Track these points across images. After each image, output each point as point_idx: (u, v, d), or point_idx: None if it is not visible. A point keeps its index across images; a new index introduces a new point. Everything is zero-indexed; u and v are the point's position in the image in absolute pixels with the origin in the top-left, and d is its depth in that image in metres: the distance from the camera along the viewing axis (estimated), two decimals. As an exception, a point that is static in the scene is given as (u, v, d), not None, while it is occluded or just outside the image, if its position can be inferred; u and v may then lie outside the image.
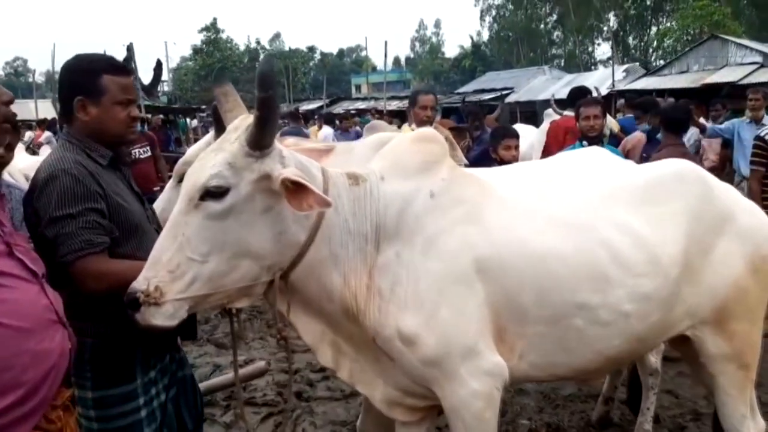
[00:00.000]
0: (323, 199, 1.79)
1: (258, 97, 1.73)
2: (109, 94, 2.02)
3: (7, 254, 1.60)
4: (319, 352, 2.14)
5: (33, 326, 1.56)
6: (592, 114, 4.34)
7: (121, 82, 2.04)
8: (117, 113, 2.04)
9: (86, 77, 2.02)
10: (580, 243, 2.13)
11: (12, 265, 1.59)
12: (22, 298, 1.57)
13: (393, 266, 2.04)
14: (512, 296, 2.08)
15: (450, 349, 2.03)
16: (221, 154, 1.82)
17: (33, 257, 1.71)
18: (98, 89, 2.01)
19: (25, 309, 1.56)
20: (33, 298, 1.61)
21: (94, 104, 2.03)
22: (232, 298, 1.92)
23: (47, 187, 1.90)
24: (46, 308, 1.63)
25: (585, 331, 2.13)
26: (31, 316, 1.56)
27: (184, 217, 1.80)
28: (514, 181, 2.38)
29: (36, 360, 1.55)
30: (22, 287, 1.59)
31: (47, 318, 1.62)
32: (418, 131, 2.29)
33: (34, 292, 1.62)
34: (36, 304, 1.61)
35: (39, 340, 1.56)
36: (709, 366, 2.36)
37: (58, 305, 1.69)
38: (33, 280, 1.63)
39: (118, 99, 2.03)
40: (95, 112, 2.03)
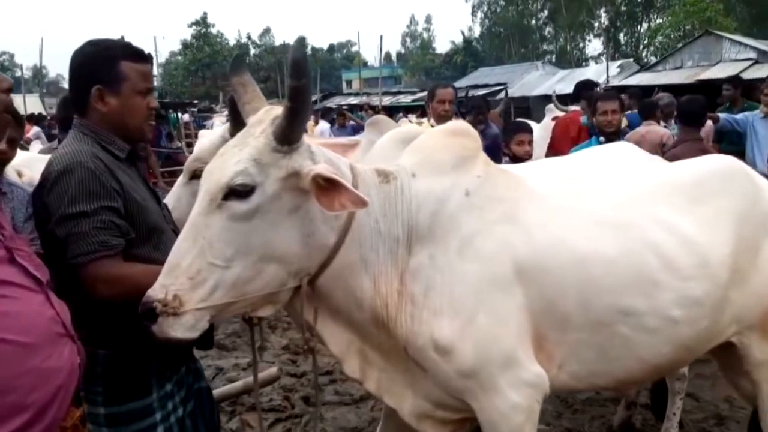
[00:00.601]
0: (359, 197, 1.64)
1: (290, 86, 1.58)
2: (129, 82, 1.86)
3: (8, 261, 1.45)
4: (345, 362, 1.99)
5: (38, 341, 1.41)
6: (610, 109, 4.19)
7: (141, 69, 1.88)
8: (137, 103, 1.88)
9: (104, 64, 1.85)
10: (624, 243, 1.99)
11: (13, 273, 1.44)
12: (25, 309, 1.42)
13: (426, 270, 1.90)
14: (553, 301, 1.95)
15: (488, 359, 1.89)
16: (246, 150, 1.67)
17: (36, 263, 1.55)
18: (117, 77, 1.85)
19: (28, 322, 1.41)
20: (37, 309, 1.46)
21: (112, 94, 1.86)
22: (256, 306, 1.77)
23: (61, 180, 1.74)
24: (52, 320, 1.48)
25: (630, 338, 2.00)
26: (35, 330, 1.41)
27: (205, 218, 1.65)
28: (548, 178, 2.23)
29: (42, 379, 1.40)
30: (25, 297, 1.44)
31: (54, 331, 1.47)
32: (450, 125, 2.15)
33: (38, 302, 1.47)
34: (41, 315, 1.45)
35: (45, 357, 1.41)
36: (753, 373, 2.24)
37: (65, 316, 1.54)
38: (37, 289, 1.49)
39: (138, 88, 1.87)
40: (114, 102, 1.87)
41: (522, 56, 46.29)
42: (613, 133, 4.18)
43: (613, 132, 4.18)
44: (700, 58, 19.68)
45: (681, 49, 20.74)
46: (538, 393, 1.97)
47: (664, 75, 19.30)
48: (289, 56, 1.58)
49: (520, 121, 5.10)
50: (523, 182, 2.08)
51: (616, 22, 45.68)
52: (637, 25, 45.61)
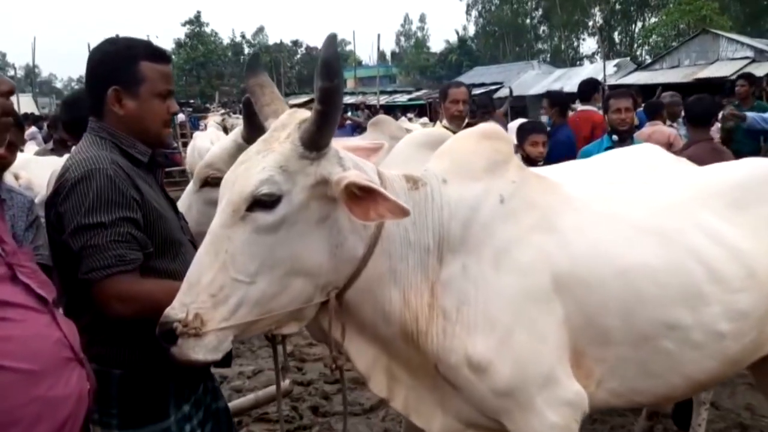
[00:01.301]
0: (399, 206, 1.52)
1: (320, 88, 1.45)
2: (148, 83, 1.73)
3: (9, 279, 1.34)
4: (371, 380, 1.87)
5: (43, 368, 1.30)
6: (624, 106, 4.06)
7: (161, 70, 1.76)
8: (156, 107, 1.76)
9: (123, 64, 1.73)
10: (669, 253, 1.88)
11: (15, 293, 1.33)
12: (29, 333, 1.30)
13: (459, 282, 1.78)
14: (593, 315, 1.83)
15: (526, 378, 1.78)
16: (271, 156, 1.55)
17: (41, 280, 1.42)
18: (136, 78, 1.73)
19: (32, 347, 1.30)
20: (42, 331, 1.34)
21: (130, 96, 1.74)
22: (281, 323, 1.65)
23: (78, 188, 1.61)
24: (59, 343, 1.37)
25: (674, 354, 1.89)
26: (40, 355, 1.30)
27: (228, 230, 1.52)
28: (585, 183, 2.12)
29: (48, 409, 1.29)
30: (29, 319, 1.32)
31: (61, 356, 1.36)
32: (481, 127, 2.03)
33: (43, 323, 1.35)
34: (46, 339, 1.34)
35: (51, 385, 1.30)
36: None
37: (74, 338, 1.42)
38: (42, 309, 1.37)
39: (158, 90, 1.75)
40: (132, 105, 1.74)
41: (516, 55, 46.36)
42: (626, 131, 4.07)
43: (626, 130, 4.07)
44: (698, 57, 19.71)
45: (678, 48, 20.79)
46: (577, 412, 1.86)
47: (662, 74, 19.31)
48: (320, 55, 1.46)
49: (534, 121, 4.98)
50: (560, 187, 1.97)
51: (610, 20, 45.77)
52: (632, 24, 45.71)
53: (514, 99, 22.52)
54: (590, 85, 6.30)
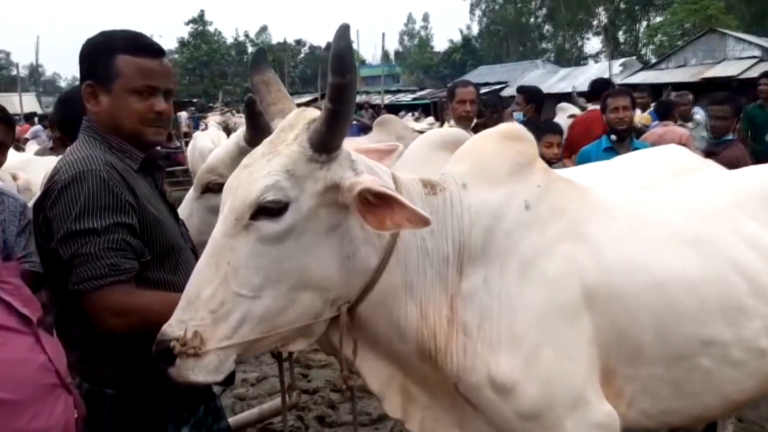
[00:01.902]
0: (419, 215, 1.38)
1: (332, 84, 1.32)
2: (121, 79, 1.59)
3: None
4: (385, 400, 1.73)
5: (24, 397, 1.21)
6: (621, 105, 3.91)
7: (140, 65, 1.60)
8: (130, 104, 1.60)
9: (98, 57, 1.60)
10: (707, 263, 1.75)
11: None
12: (10, 357, 1.21)
13: (480, 295, 1.65)
14: (625, 331, 1.70)
15: (554, 400, 1.64)
16: (277, 159, 1.41)
17: (25, 297, 1.31)
18: (109, 73, 1.59)
19: (12, 373, 1.20)
20: (24, 355, 1.25)
21: (104, 91, 1.60)
22: (288, 339, 1.52)
23: (68, 191, 1.49)
24: (43, 368, 1.27)
25: (712, 372, 1.75)
26: (21, 383, 1.21)
27: (230, 241, 1.39)
28: (613, 186, 1.98)
29: None
30: (10, 342, 1.23)
31: (44, 382, 1.26)
32: (503, 127, 1.89)
33: (25, 346, 1.26)
34: (29, 364, 1.25)
35: (32, 416, 1.21)
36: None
37: (60, 361, 1.30)
38: (25, 330, 1.28)
39: (132, 86, 1.59)
40: (105, 102, 1.61)
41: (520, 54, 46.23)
42: (624, 130, 3.90)
43: (624, 129, 3.90)
44: (704, 56, 19.52)
45: (684, 47, 20.60)
46: None
47: (668, 73, 19.12)
48: (332, 47, 1.32)
49: (549, 121, 4.84)
50: (589, 192, 1.83)
51: (614, 20, 45.56)
52: (636, 23, 45.50)
53: (518, 98, 22.48)
54: (601, 83, 6.15)
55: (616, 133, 3.91)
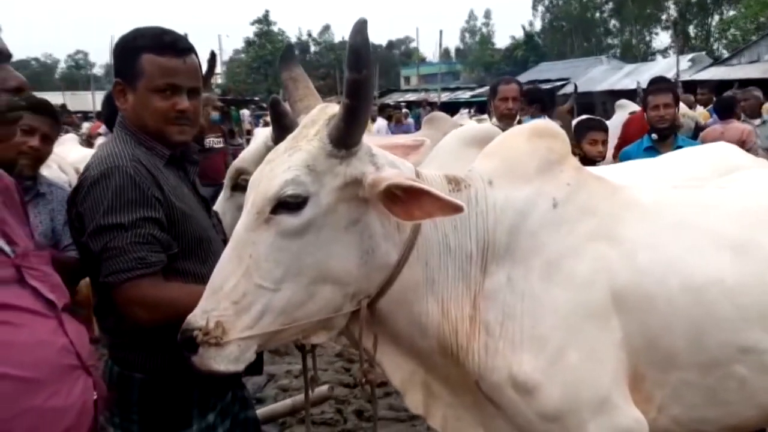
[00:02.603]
0: (451, 203, 1.40)
1: (349, 80, 1.34)
2: (144, 78, 1.64)
3: (15, 281, 1.29)
4: (407, 395, 1.74)
5: (42, 376, 1.24)
6: (662, 102, 3.74)
7: (164, 64, 1.64)
8: (153, 103, 1.65)
9: (125, 56, 1.67)
10: (746, 267, 1.68)
11: (20, 296, 1.28)
12: (31, 339, 1.25)
13: (504, 294, 1.63)
14: (657, 336, 1.65)
15: (578, 402, 1.61)
16: (297, 155, 1.44)
17: (53, 283, 1.38)
18: (134, 71, 1.64)
19: (33, 353, 1.25)
20: (45, 338, 1.29)
21: (131, 90, 1.66)
22: (309, 332, 1.55)
23: (97, 187, 1.56)
24: (63, 350, 1.31)
25: (748, 380, 1.68)
26: (41, 363, 1.25)
27: (252, 234, 1.43)
28: (651, 187, 1.92)
29: (44, 421, 1.24)
30: (32, 324, 1.27)
31: (63, 363, 1.30)
32: (534, 124, 1.87)
33: (48, 329, 1.30)
34: (49, 345, 1.29)
35: (50, 395, 1.24)
36: None
37: (82, 345, 1.36)
38: (48, 314, 1.32)
39: (154, 85, 1.64)
40: (131, 100, 1.67)
41: (585, 50, 45.08)
42: (666, 128, 3.73)
43: (666, 127, 3.73)
44: (779, 52, 18.53)
45: (758, 42, 19.60)
46: None
47: (740, 69, 18.26)
48: (349, 42, 1.34)
49: (594, 119, 4.72)
50: (622, 191, 1.78)
51: (685, 14, 43.81)
52: (708, 17, 43.59)
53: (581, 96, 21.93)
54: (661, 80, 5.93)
55: (657, 131, 3.75)
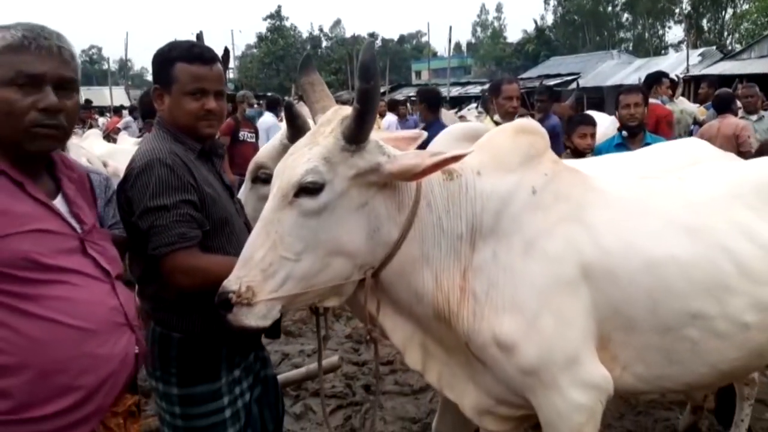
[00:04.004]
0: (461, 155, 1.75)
1: (359, 89, 1.63)
2: (178, 83, 1.94)
3: (80, 251, 1.53)
4: (407, 353, 2.03)
5: (97, 327, 1.48)
6: (633, 102, 4.04)
7: (193, 71, 1.94)
8: (185, 104, 1.95)
9: (162, 66, 1.97)
10: (698, 248, 1.95)
11: (83, 263, 1.52)
12: (89, 297, 1.49)
13: (489, 267, 1.91)
14: (619, 305, 1.93)
15: (550, 359, 1.89)
16: (316, 149, 1.74)
17: (110, 256, 1.62)
18: (169, 78, 1.95)
19: (90, 309, 1.48)
20: (101, 298, 1.53)
21: (167, 94, 1.97)
22: (323, 297, 1.84)
23: (142, 176, 1.85)
24: (114, 310, 1.55)
25: (699, 342, 1.96)
26: (95, 317, 1.48)
27: (278, 214, 1.72)
28: (618, 177, 2.20)
29: (94, 364, 1.47)
30: (91, 286, 1.51)
31: (114, 320, 1.54)
32: (518, 122, 2.15)
33: (103, 291, 1.54)
34: (103, 304, 1.53)
35: (100, 343, 1.48)
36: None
37: (129, 307, 1.61)
38: (105, 280, 1.55)
39: (186, 89, 1.94)
40: (168, 102, 1.98)
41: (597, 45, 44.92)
42: (636, 126, 4.02)
43: (636, 125, 4.02)
44: (791, 46, 18.53)
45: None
46: (602, 394, 1.96)
47: (750, 64, 18.26)
48: (360, 59, 1.64)
49: (583, 114, 5.00)
50: (592, 181, 2.06)
51: (698, 7, 43.57)
52: (722, 11, 43.31)
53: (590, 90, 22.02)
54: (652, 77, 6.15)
55: (627, 129, 4.04)
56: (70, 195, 1.60)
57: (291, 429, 3.64)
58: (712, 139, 5.20)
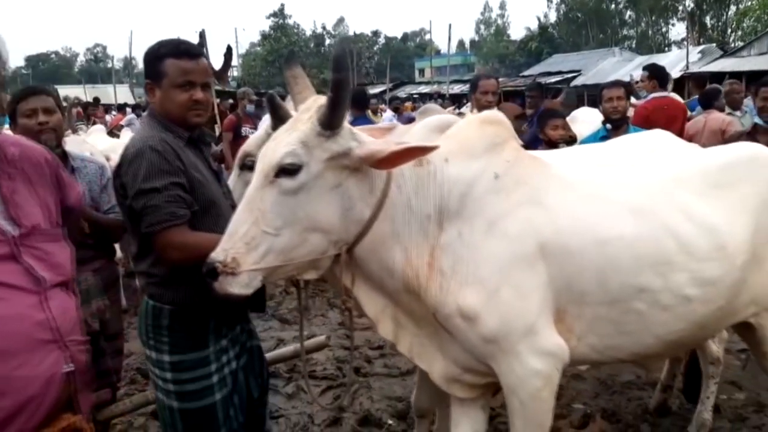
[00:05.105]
0: (428, 147, 1.93)
1: (332, 79, 1.80)
2: (168, 77, 2.11)
3: (10, 258, 1.41)
4: (380, 324, 2.20)
5: (12, 347, 1.35)
6: (615, 95, 4.25)
7: (182, 66, 2.11)
8: (175, 96, 2.12)
9: (152, 61, 2.14)
10: (643, 228, 2.13)
11: (11, 272, 1.40)
12: (7, 312, 1.36)
13: (455, 245, 2.08)
14: (573, 279, 2.10)
15: (510, 328, 2.06)
16: (294, 134, 1.91)
17: (52, 262, 1.49)
18: (160, 73, 2.12)
19: (6, 326, 1.35)
20: (22, 312, 1.39)
21: (158, 87, 2.15)
22: (301, 270, 2.01)
23: (135, 161, 2.03)
24: (39, 325, 1.41)
25: (645, 314, 2.14)
26: (13, 336, 1.36)
27: (260, 192, 1.89)
28: (579, 164, 2.39)
29: (11, 387, 1.36)
30: (13, 299, 1.38)
31: (37, 337, 1.40)
32: (484, 114, 2.33)
33: (26, 305, 1.40)
34: (26, 319, 1.39)
35: (18, 365, 1.36)
36: (771, 354, 2.33)
37: (63, 321, 1.46)
38: (34, 290, 1.42)
39: (176, 82, 2.11)
40: (159, 95, 2.15)
41: (600, 42, 44.88)
42: (619, 119, 4.22)
43: (619, 118, 4.22)
44: (791, 43, 18.60)
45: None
46: (558, 362, 2.13)
47: (749, 61, 18.38)
48: (333, 53, 1.82)
49: (552, 109, 5.23)
50: (550, 168, 2.24)
51: (702, 5, 43.50)
52: (725, 8, 43.25)
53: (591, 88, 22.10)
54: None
55: (610, 121, 4.25)
56: (5, 194, 1.48)
57: (283, 407, 3.84)
58: (698, 133, 5.35)
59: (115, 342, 2.94)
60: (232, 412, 2.23)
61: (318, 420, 3.65)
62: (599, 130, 4.33)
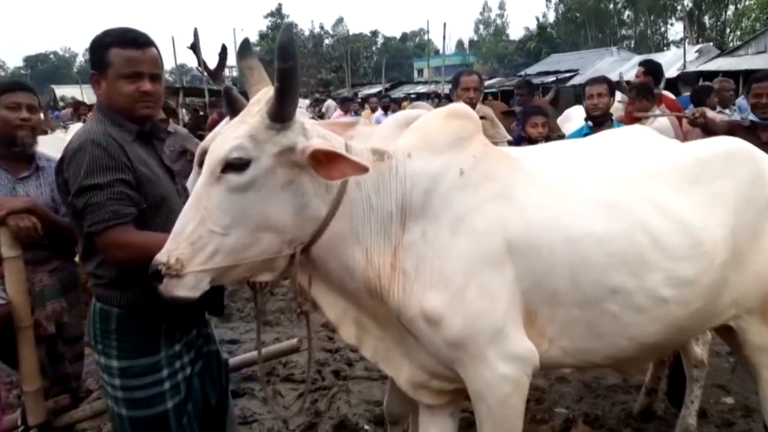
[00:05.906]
0: (359, 164, 1.75)
1: (277, 69, 1.69)
2: (113, 68, 2.01)
3: None
4: (341, 328, 2.10)
5: None
6: (596, 92, 4.18)
7: (127, 55, 2.00)
8: (122, 88, 2.02)
9: (97, 51, 2.04)
10: (616, 224, 2.02)
11: None
12: None
13: (418, 245, 1.98)
14: (543, 278, 2.00)
15: (476, 331, 1.96)
16: (242, 127, 1.81)
17: None
18: (105, 63, 2.02)
19: None
20: None
21: (104, 78, 2.04)
22: (255, 271, 1.90)
23: (76, 157, 1.92)
24: None
25: (619, 316, 2.03)
26: None
27: (207, 189, 1.79)
28: (550, 160, 2.28)
29: None
30: None
31: None
32: (449, 107, 2.22)
33: None
34: None
35: None
36: (753, 357, 2.23)
37: None
38: None
39: (121, 73, 2.01)
40: (104, 86, 2.04)
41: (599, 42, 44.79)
42: (600, 116, 4.15)
43: (600, 115, 4.15)
44: (788, 42, 18.50)
45: (765, 33, 19.51)
46: (527, 366, 2.02)
47: (746, 60, 18.26)
48: (277, 41, 1.71)
49: (535, 106, 5.19)
50: (519, 163, 2.13)
51: (700, 5, 43.41)
52: (723, 8, 43.17)
53: (588, 87, 21.98)
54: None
55: (592, 118, 4.17)
56: None
57: (258, 412, 3.73)
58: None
59: (75, 346, 2.83)
60: (185, 420, 2.12)
61: (293, 425, 3.53)
62: (582, 128, 4.25)
